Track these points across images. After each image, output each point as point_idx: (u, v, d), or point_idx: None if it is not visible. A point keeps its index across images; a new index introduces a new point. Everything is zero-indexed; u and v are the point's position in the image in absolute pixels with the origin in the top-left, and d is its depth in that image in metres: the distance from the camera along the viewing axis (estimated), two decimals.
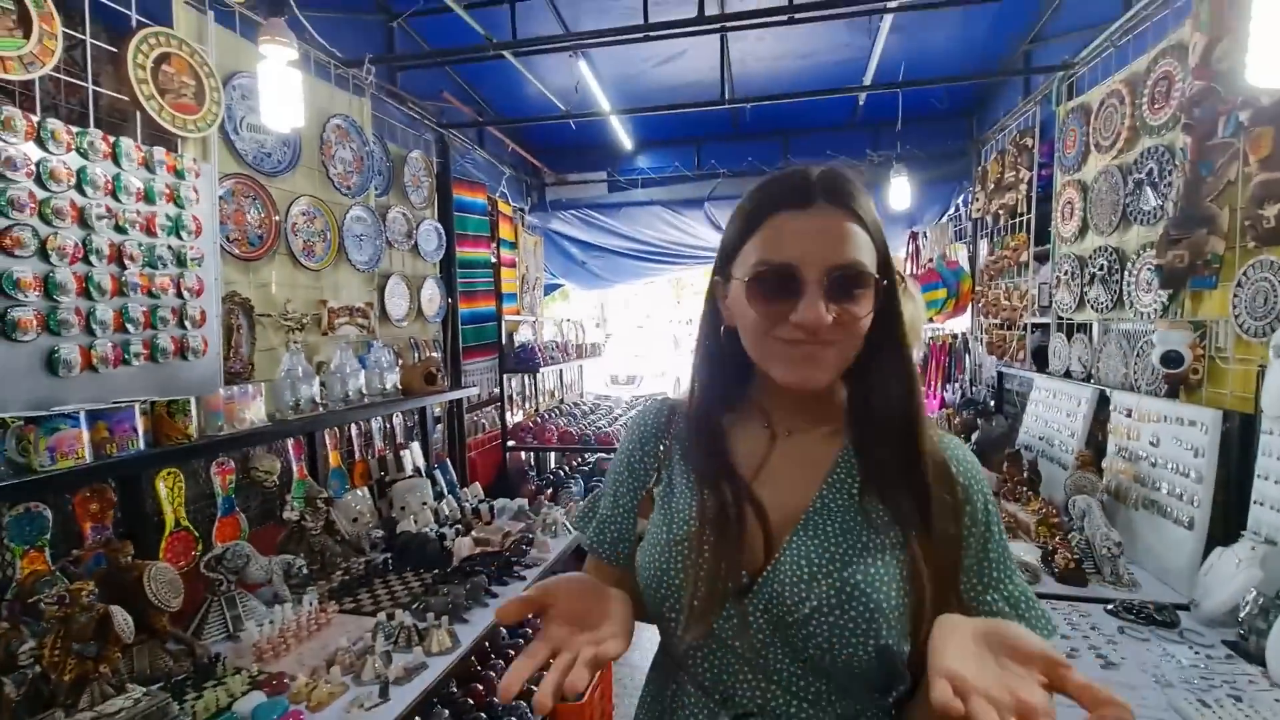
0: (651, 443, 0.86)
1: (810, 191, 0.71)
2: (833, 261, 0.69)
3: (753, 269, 0.72)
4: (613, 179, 5.21)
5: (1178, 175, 2.04)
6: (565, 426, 4.31)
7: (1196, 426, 1.88)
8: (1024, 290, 3.34)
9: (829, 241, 0.69)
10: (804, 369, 0.71)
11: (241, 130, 2.15)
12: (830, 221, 0.70)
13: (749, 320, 0.73)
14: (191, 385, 1.83)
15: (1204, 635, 1.59)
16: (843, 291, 0.69)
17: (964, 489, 0.75)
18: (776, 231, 0.72)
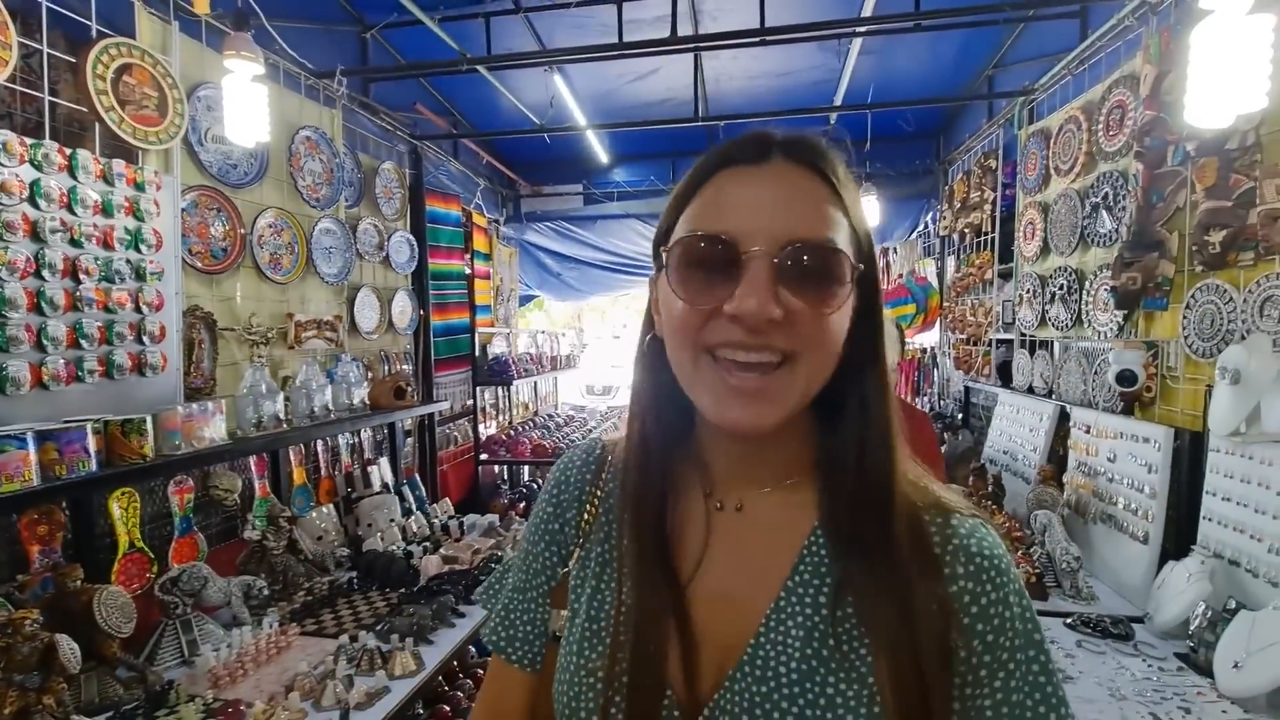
0: (573, 506, 0.65)
1: (766, 147, 0.53)
2: (790, 234, 0.50)
3: (677, 246, 0.53)
4: (588, 191, 5.23)
5: (1131, 200, 2.12)
6: (539, 439, 4.29)
7: (1150, 443, 1.94)
8: (989, 307, 3.43)
9: (785, 207, 0.51)
10: (742, 402, 0.50)
11: (206, 142, 2.11)
12: (789, 182, 0.52)
13: (673, 320, 0.54)
14: (149, 402, 1.79)
15: (1157, 648, 1.63)
16: (803, 277, 0.50)
17: (977, 597, 0.52)
18: (716, 194, 0.53)
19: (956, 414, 3.88)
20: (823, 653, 0.52)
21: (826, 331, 0.51)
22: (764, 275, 0.49)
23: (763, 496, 0.58)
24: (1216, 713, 1.34)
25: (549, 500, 0.67)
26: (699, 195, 0.54)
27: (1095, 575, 2.07)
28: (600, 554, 0.62)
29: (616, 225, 5.17)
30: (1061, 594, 1.96)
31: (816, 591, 0.54)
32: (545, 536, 0.66)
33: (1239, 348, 1.60)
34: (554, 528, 0.66)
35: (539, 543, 0.67)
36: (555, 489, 0.67)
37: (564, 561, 0.64)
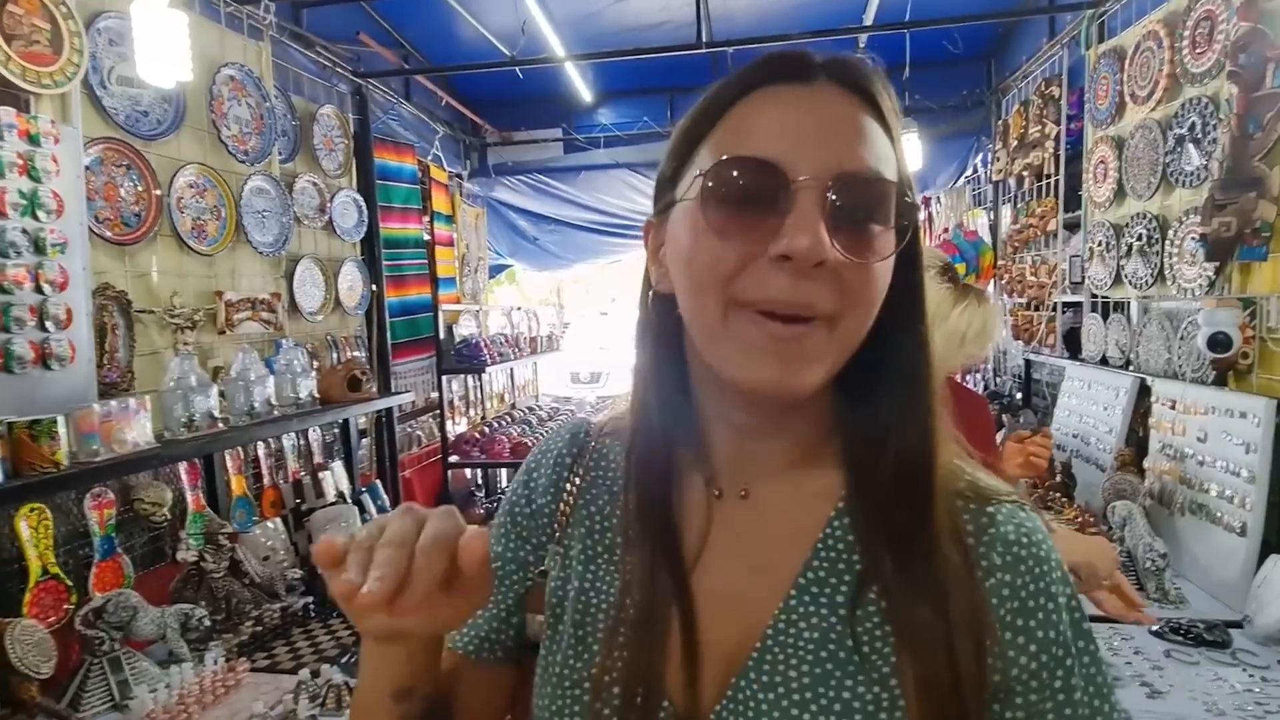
0: (546, 493, 0.68)
1: (810, 66, 0.54)
2: (840, 165, 0.50)
3: (711, 174, 0.52)
4: (569, 137, 5.20)
5: (1223, 131, 2.14)
6: (519, 436, 4.31)
7: (1248, 418, 1.97)
8: (1053, 264, 3.46)
9: (835, 134, 0.51)
10: (780, 359, 0.50)
11: (110, 84, 2.09)
12: (838, 108, 0.52)
13: (697, 265, 0.53)
14: (58, 400, 1.79)
15: (1259, 655, 1.68)
16: (855, 219, 0.50)
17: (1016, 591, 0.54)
18: (753, 115, 0.53)
19: (1015, 392, 3.93)
20: (839, 655, 0.53)
21: (872, 284, 0.52)
22: (817, 209, 0.49)
23: (771, 482, 0.59)
24: None
25: (521, 485, 0.71)
26: (728, 117, 0.54)
27: (1184, 575, 2.11)
28: (583, 550, 0.64)
29: (603, 177, 5.16)
30: (1146, 597, 2.00)
31: (834, 589, 0.55)
32: (515, 526, 0.70)
33: None
34: (524, 515, 0.69)
35: (509, 536, 0.70)
36: (527, 474, 0.71)
37: (538, 557, 0.68)
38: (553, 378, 8.08)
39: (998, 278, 4.27)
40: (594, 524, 0.65)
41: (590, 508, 0.66)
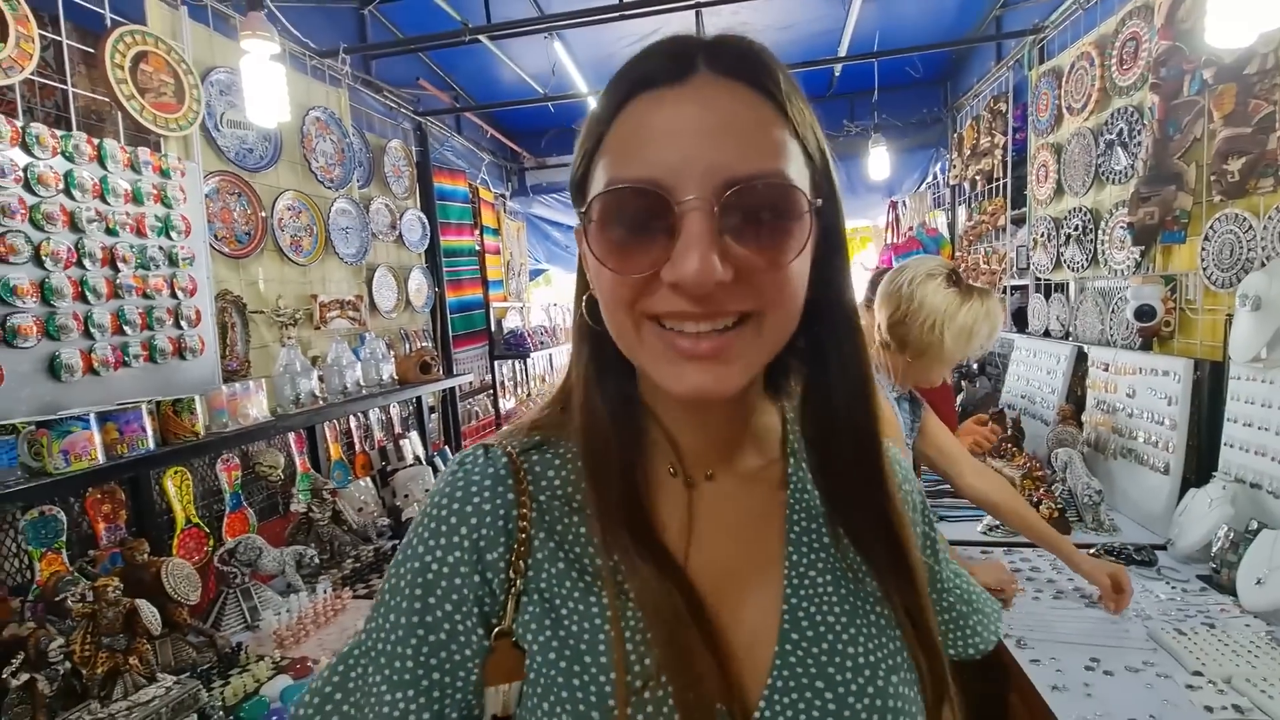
0: (496, 545, 0.49)
1: (688, 59, 0.44)
2: (729, 172, 0.40)
3: (597, 206, 0.43)
4: None
5: (1146, 134, 2.11)
6: None
7: (1170, 376, 1.96)
8: (1002, 253, 3.42)
9: (720, 137, 0.41)
10: (699, 366, 0.43)
11: (222, 126, 2.13)
12: (721, 104, 0.42)
13: (603, 288, 0.45)
14: (190, 385, 1.85)
15: (1180, 571, 1.69)
16: (752, 225, 0.41)
17: (914, 505, 0.59)
18: (635, 128, 0.43)
19: (972, 363, 3.90)
20: (853, 585, 0.51)
21: (787, 283, 0.43)
22: (704, 230, 0.40)
23: (730, 459, 0.53)
24: (1240, 626, 1.40)
25: (450, 549, 0.48)
26: (613, 129, 0.44)
27: (1116, 509, 2.11)
28: (557, 586, 0.48)
29: None
30: (1084, 527, 2.01)
31: (817, 536, 0.52)
32: (453, 600, 0.48)
33: (1260, 274, 1.61)
34: (470, 583, 0.48)
35: (444, 612, 0.48)
36: (458, 533, 0.48)
37: (491, 621, 0.48)
38: None
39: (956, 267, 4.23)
40: (567, 551, 0.49)
41: (555, 537, 0.50)
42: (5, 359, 1.42)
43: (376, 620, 0.50)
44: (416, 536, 0.50)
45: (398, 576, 0.50)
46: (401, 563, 0.50)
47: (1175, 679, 1.23)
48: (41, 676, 1.21)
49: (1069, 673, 1.27)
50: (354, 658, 0.50)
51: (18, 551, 1.42)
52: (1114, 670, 1.27)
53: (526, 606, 0.48)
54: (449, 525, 0.49)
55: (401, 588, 0.49)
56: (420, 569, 0.49)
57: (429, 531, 0.49)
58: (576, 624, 0.47)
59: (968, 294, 1.44)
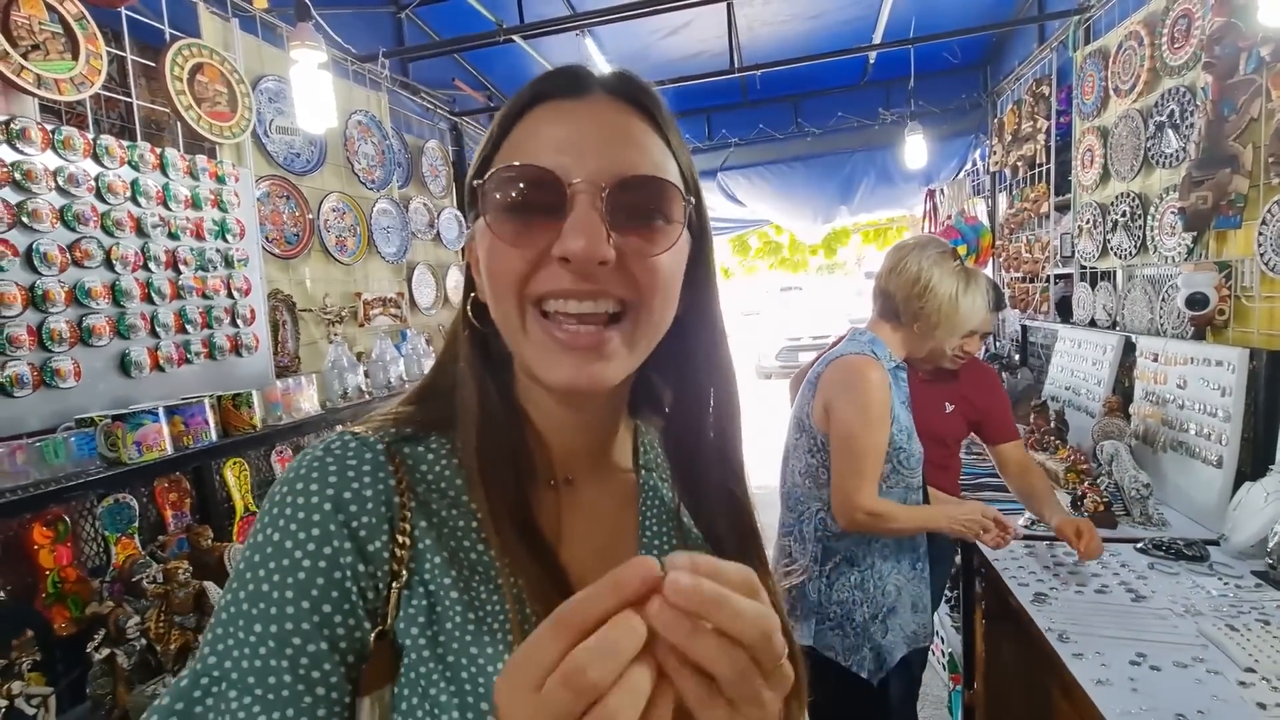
0: (379, 533, 0.46)
1: (586, 81, 0.50)
2: (616, 169, 0.46)
3: (492, 183, 0.47)
4: None
5: (1199, 116, 2.03)
6: None
7: (1224, 366, 1.89)
8: (1045, 241, 3.33)
9: (609, 142, 0.47)
10: (577, 359, 0.46)
11: (271, 133, 2.23)
12: (612, 118, 0.48)
13: (494, 270, 0.48)
14: (246, 380, 1.94)
15: (1233, 567, 1.63)
16: (633, 214, 0.46)
17: None
18: (534, 128, 0.48)
19: (1014, 354, 3.81)
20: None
21: (660, 275, 0.47)
22: (592, 211, 0.44)
23: (590, 463, 0.56)
24: None
25: (326, 540, 0.44)
26: (511, 134, 0.49)
27: (1166, 503, 2.05)
28: (441, 578, 0.47)
29: None
30: (1131, 521, 1.96)
31: (668, 538, 0.57)
32: (333, 598, 0.44)
33: None
34: (354, 576, 0.45)
35: (323, 615, 0.43)
36: (335, 520, 0.45)
37: (373, 617, 0.45)
38: None
39: (995, 256, 4.13)
40: (448, 544, 0.48)
41: (435, 529, 0.48)
42: (83, 357, 1.52)
43: (232, 635, 0.43)
44: (278, 529, 0.44)
45: (257, 580, 0.43)
46: (260, 563, 0.43)
47: (1226, 675, 1.20)
48: (120, 651, 1.30)
49: (1114, 667, 1.25)
50: (202, 688, 0.42)
51: (96, 536, 1.53)
52: (1161, 666, 1.25)
53: (410, 601, 0.46)
54: (323, 513, 0.44)
55: (266, 591, 0.43)
56: (290, 566, 0.43)
57: (296, 523, 0.44)
58: (461, 618, 0.46)
59: (966, 275, 1.56)
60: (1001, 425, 1.98)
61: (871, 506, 1.47)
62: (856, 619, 1.51)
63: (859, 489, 1.47)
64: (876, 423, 1.48)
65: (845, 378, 1.52)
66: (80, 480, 1.35)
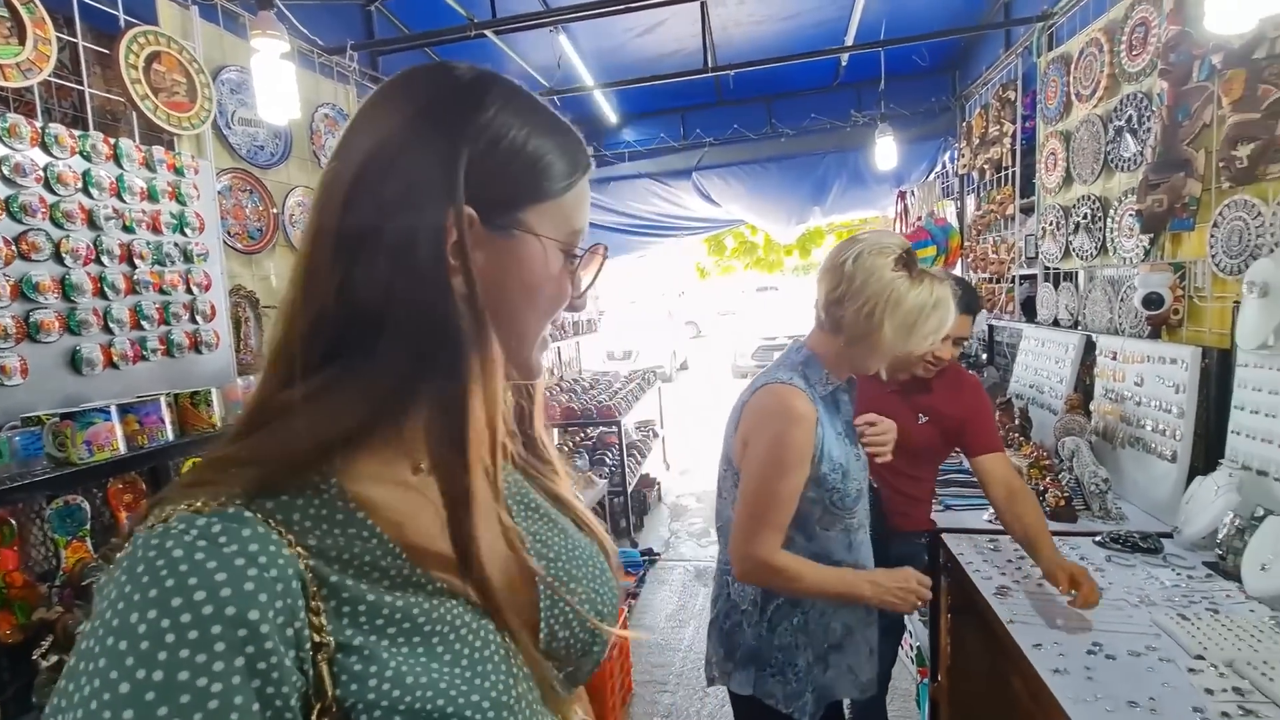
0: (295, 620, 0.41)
1: (589, 162, 0.59)
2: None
3: (573, 237, 0.55)
4: (599, 153, 5.21)
5: (1155, 121, 2.09)
6: (568, 402, 4.39)
7: (1177, 364, 1.96)
8: (1011, 243, 3.41)
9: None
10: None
11: (233, 124, 2.17)
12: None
13: (549, 299, 0.54)
14: (206, 378, 1.89)
15: (1185, 558, 1.69)
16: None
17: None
18: (584, 196, 0.57)
19: (980, 353, 3.89)
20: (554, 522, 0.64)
21: None
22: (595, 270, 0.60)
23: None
24: (1244, 611, 1.41)
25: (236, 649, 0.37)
26: (575, 190, 0.55)
27: (1124, 497, 2.11)
28: (375, 621, 0.45)
29: (628, 186, 5.16)
30: (1090, 515, 2.02)
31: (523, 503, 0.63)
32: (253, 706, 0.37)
33: (1267, 260, 1.60)
34: (283, 689, 0.39)
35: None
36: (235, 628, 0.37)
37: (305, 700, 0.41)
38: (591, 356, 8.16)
39: (964, 256, 4.21)
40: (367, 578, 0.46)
41: (347, 573, 0.45)
42: (29, 353, 1.47)
43: None
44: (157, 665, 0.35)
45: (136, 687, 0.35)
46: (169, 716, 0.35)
47: (1177, 663, 1.24)
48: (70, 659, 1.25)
49: (1070, 656, 1.29)
50: None
51: (45, 539, 1.47)
52: (1116, 654, 1.28)
53: (348, 664, 0.43)
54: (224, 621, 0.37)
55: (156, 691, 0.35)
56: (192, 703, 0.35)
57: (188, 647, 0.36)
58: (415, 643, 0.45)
59: (918, 279, 1.26)
60: (979, 434, 1.80)
61: (769, 559, 1.27)
62: (799, 664, 1.35)
63: (757, 536, 1.28)
64: (791, 466, 1.26)
65: (762, 413, 1.31)
66: (25, 481, 1.30)
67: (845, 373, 1.37)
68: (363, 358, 0.46)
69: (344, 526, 0.45)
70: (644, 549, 4.25)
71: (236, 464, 0.44)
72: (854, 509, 1.36)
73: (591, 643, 0.59)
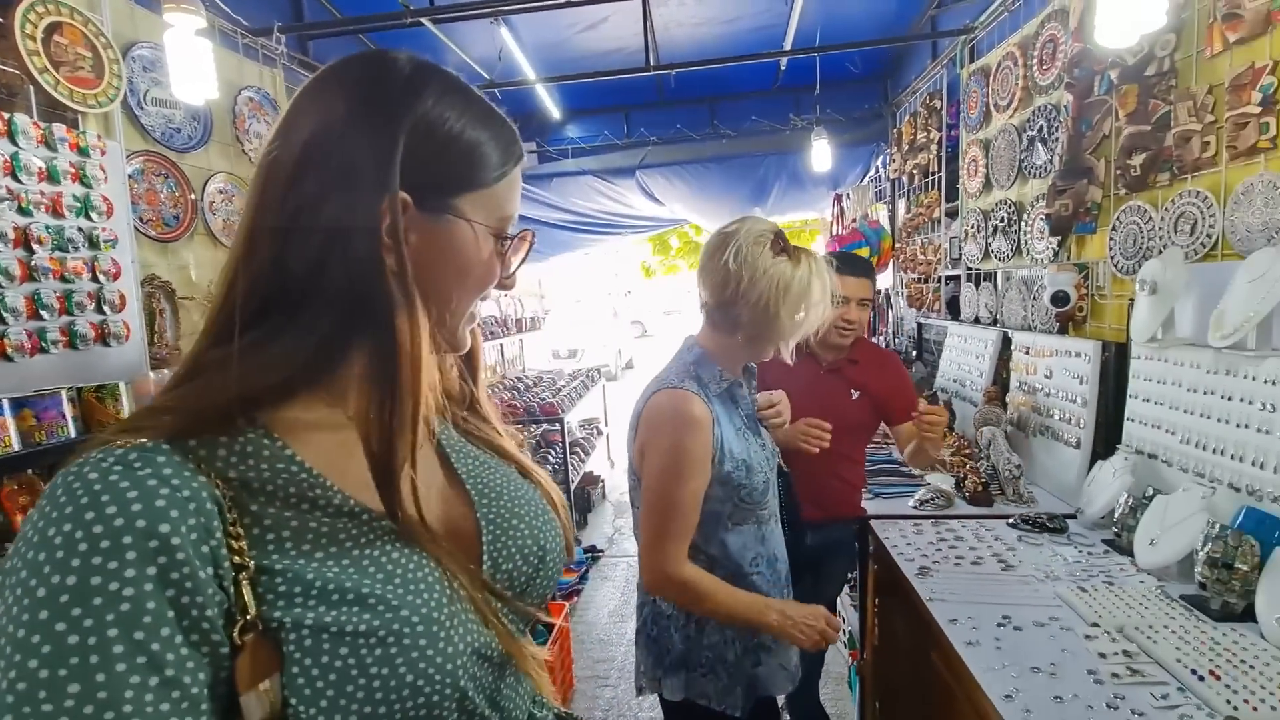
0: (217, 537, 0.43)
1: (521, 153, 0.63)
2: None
3: (503, 223, 0.59)
4: (542, 149, 5.17)
5: (1062, 131, 2.25)
6: (511, 399, 4.34)
7: (1081, 357, 2.11)
8: (937, 245, 3.58)
9: None
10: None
11: (146, 104, 2.05)
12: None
13: (478, 279, 0.58)
14: (116, 372, 1.78)
15: (1087, 537, 1.83)
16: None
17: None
18: (514, 186, 0.60)
19: (910, 350, 4.07)
20: (502, 461, 0.68)
21: None
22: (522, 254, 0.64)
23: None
24: (1135, 583, 1.53)
25: (148, 558, 0.39)
26: (509, 178, 0.58)
27: (1035, 482, 2.26)
28: (300, 544, 0.47)
29: (573, 183, 5.14)
30: (1005, 500, 2.15)
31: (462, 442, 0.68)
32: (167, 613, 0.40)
33: (1156, 261, 1.75)
34: (198, 599, 0.41)
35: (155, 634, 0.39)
36: (145, 539, 0.39)
37: (229, 618, 0.43)
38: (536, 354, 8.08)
39: (896, 257, 4.40)
40: (294, 508, 0.48)
41: (272, 499, 0.47)
42: None
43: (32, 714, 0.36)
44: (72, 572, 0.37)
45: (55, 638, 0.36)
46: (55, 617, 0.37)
47: (1075, 631, 1.34)
48: None
49: (983, 629, 1.37)
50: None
51: None
52: (1023, 626, 1.38)
53: (274, 585, 0.45)
54: (135, 532, 0.39)
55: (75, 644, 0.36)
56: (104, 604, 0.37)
57: (100, 555, 0.38)
58: (351, 574, 0.47)
59: (795, 259, 1.26)
60: (904, 406, 2.03)
61: (675, 571, 1.25)
62: (729, 658, 1.34)
63: (661, 548, 1.25)
64: (690, 473, 1.24)
65: (658, 420, 1.28)
66: None
67: (741, 366, 1.37)
68: (293, 318, 0.49)
69: (271, 462, 0.48)
70: (587, 545, 4.25)
71: (165, 412, 0.46)
72: (764, 500, 1.36)
73: (534, 575, 0.63)
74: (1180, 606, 1.39)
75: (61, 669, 0.36)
